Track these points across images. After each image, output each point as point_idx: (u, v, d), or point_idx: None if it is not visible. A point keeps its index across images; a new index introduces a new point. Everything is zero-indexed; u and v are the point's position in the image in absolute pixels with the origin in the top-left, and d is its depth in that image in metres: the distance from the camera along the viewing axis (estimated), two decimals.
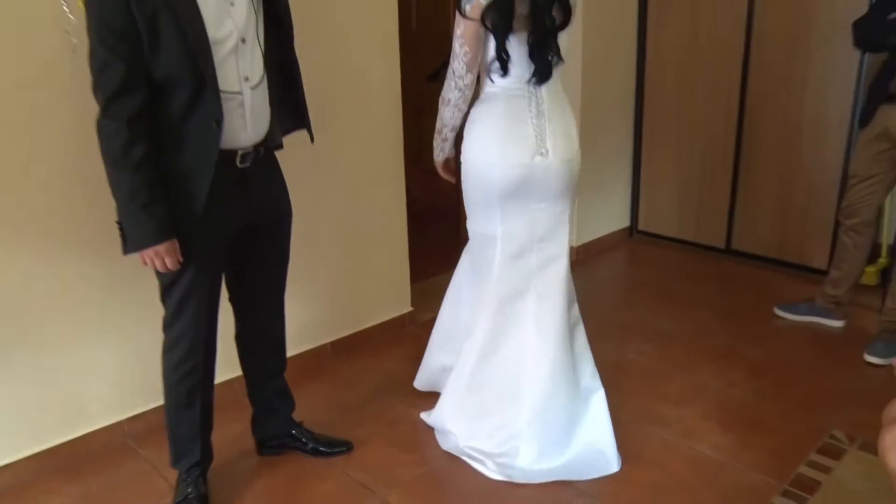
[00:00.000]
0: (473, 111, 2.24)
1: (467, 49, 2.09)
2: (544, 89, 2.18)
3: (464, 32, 2.07)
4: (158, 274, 1.88)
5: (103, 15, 1.61)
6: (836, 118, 3.57)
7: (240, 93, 1.81)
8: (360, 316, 3.15)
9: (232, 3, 1.76)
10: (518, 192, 2.20)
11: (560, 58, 2.15)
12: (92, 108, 1.96)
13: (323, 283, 2.93)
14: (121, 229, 1.78)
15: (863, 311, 3.37)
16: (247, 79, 1.82)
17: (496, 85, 2.17)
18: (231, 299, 2.17)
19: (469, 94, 2.19)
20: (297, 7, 2.03)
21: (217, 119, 1.76)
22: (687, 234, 4.32)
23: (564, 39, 2.16)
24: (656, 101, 4.28)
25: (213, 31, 1.71)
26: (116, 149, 1.67)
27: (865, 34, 2.91)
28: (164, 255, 1.78)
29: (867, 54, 3.35)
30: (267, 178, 2.03)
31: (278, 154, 2.08)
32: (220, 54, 1.74)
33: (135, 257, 1.79)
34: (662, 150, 4.32)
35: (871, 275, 3.61)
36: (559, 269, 2.30)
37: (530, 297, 2.29)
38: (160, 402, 2.10)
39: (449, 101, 2.20)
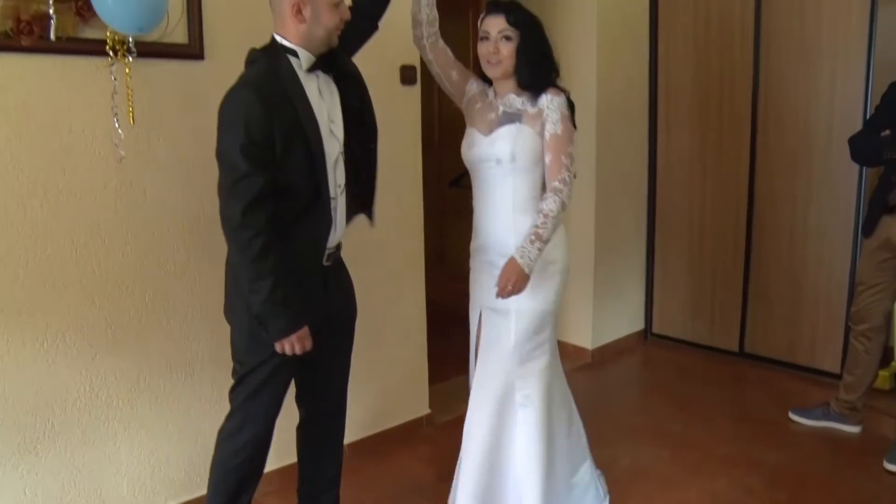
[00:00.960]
0: None
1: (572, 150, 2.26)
2: None
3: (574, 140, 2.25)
4: (243, 357, 2.02)
5: (249, 130, 1.79)
6: (841, 227, 3.68)
7: (334, 198, 2.00)
8: (379, 417, 3.18)
9: (332, 121, 1.99)
10: None
11: None
12: (136, 218, 2.11)
13: None
14: (260, 322, 1.90)
15: (879, 416, 3.37)
16: (339, 185, 2.02)
17: None
18: (298, 394, 2.26)
19: None
20: None
21: (328, 225, 1.98)
22: (701, 338, 4.37)
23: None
24: (667, 209, 4.43)
25: (325, 148, 1.93)
26: (255, 252, 1.82)
27: (861, 150, 3.07)
28: (303, 340, 1.93)
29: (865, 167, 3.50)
30: (341, 274, 2.21)
31: None
32: (328, 166, 1.95)
33: (164, 351, 1.87)
34: (675, 255, 4.43)
35: (884, 379, 3.62)
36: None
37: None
38: (180, 499, 2.12)
39: (566, 204, 2.24)
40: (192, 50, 2.33)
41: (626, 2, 4.13)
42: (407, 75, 2.99)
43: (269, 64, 1.90)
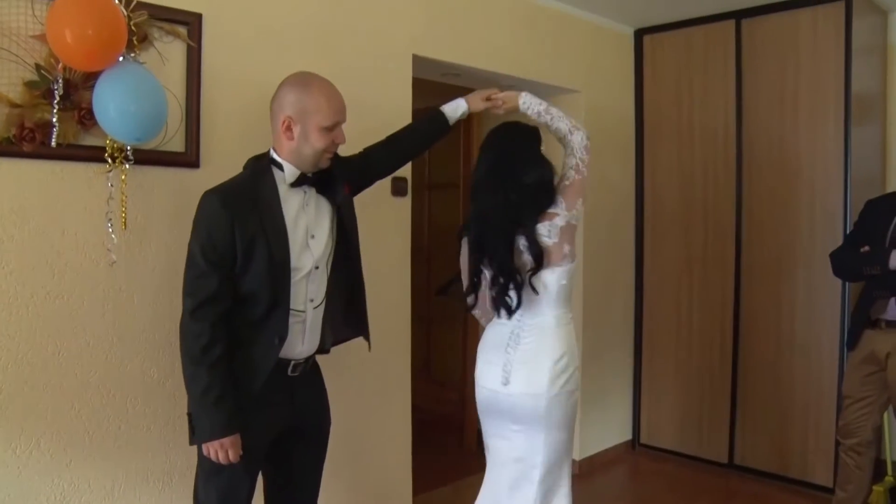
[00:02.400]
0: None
1: (463, 276, 2.35)
2: (529, 322, 2.27)
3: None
4: (202, 464, 1.98)
5: (211, 234, 1.88)
6: (827, 339, 3.70)
7: (304, 311, 2.02)
8: None
9: (313, 237, 2.03)
10: (490, 411, 2.32)
11: (537, 293, 2.25)
12: (123, 322, 2.10)
13: (323, 494, 2.89)
14: (190, 421, 1.91)
15: None
16: (312, 300, 2.04)
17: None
18: (266, 501, 2.20)
19: (479, 314, 2.41)
20: None
21: (281, 336, 1.96)
22: (689, 448, 4.30)
23: (550, 276, 2.26)
24: (654, 319, 4.45)
25: (294, 260, 1.97)
26: (198, 347, 1.85)
27: (842, 266, 3.14)
28: (228, 448, 1.88)
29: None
30: (311, 384, 2.18)
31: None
32: (295, 279, 1.98)
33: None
34: (662, 365, 4.42)
35: (879, 494, 3.55)
36: (528, 493, 2.28)
37: None
38: None
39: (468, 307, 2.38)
40: (188, 158, 2.38)
41: (612, 112, 4.31)
42: (398, 187, 3.07)
43: (252, 173, 2.00)
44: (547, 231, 2.22)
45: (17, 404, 2.10)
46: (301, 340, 2.04)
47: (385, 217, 3.04)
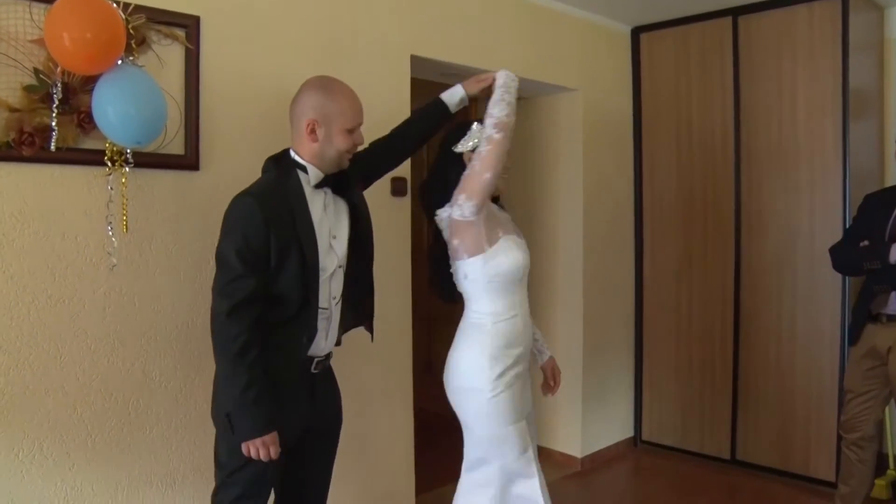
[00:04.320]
0: None
1: None
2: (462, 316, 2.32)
3: None
4: (223, 462, 1.99)
5: (247, 235, 1.89)
6: (828, 334, 3.71)
7: (328, 309, 2.06)
8: None
9: (335, 237, 2.07)
10: None
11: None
12: (124, 325, 2.09)
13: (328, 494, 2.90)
14: (229, 421, 1.91)
15: None
16: (335, 297, 2.08)
17: None
18: (278, 499, 2.22)
19: None
20: None
21: (310, 335, 2.01)
22: (691, 445, 4.30)
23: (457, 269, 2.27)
24: (655, 316, 4.45)
25: (322, 260, 2.00)
26: (236, 348, 1.86)
27: (842, 261, 3.14)
28: (269, 444, 1.91)
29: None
30: (329, 382, 2.22)
31: None
32: (322, 279, 2.01)
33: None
34: (663, 361, 4.42)
35: (881, 488, 3.56)
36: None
37: None
38: None
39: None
40: (188, 161, 2.39)
41: (610, 111, 4.30)
42: (397, 187, 3.07)
43: (277, 176, 2.02)
44: (443, 225, 2.29)
45: (19, 408, 2.11)
46: (325, 337, 2.08)
47: (385, 217, 3.04)
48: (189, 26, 2.38)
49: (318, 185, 2.04)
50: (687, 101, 4.23)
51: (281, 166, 2.04)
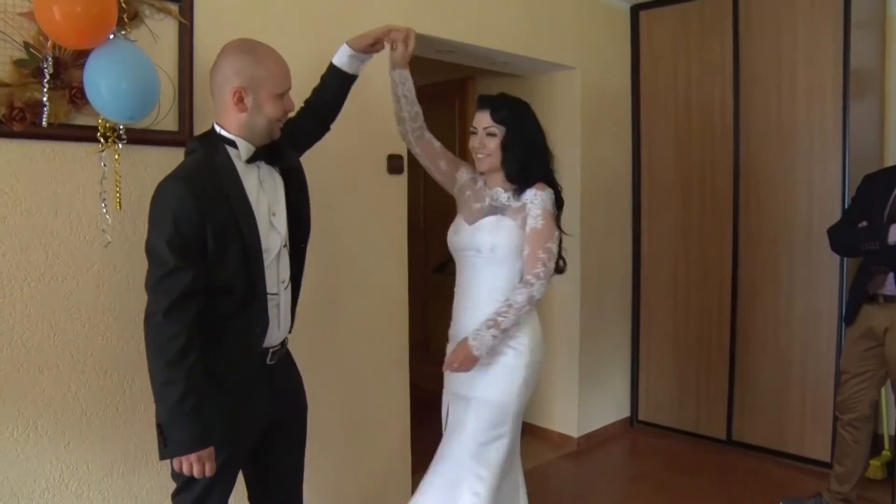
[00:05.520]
0: (528, 314, 2.31)
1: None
2: None
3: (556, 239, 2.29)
4: (177, 476, 1.86)
5: (178, 223, 1.71)
6: (825, 314, 3.71)
7: (277, 294, 1.93)
8: None
9: (274, 214, 1.92)
10: None
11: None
12: (119, 302, 2.06)
13: (324, 475, 2.90)
14: (161, 432, 1.74)
15: None
16: (283, 280, 1.96)
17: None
18: (250, 496, 2.15)
19: None
20: (318, 212, 2.20)
21: (263, 326, 1.87)
22: (688, 425, 4.31)
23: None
24: (652, 295, 4.45)
25: (263, 241, 1.85)
26: (174, 350, 1.70)
27: (840, 242, 3.13)
28: (205, 460, 1.75)
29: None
30: (287, 370, 2.10)
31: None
32: (267, 261, 1.87)
33: None
34: (660, 341, 4.42)
35: (876, 468, 3.58)
36: None
37: None
38: None
39: (535, 299, 2.25)
40: (181, 137, 2.35)
41: (609, 89, 4.28)
42: (394, 164, 3.05)
43: (205, 154, 1.83)
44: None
45: (14, 387, 2.10)
46: (277, 325, 1.94)
47: (381, 195, 3.03)
48: (183, 1, 2.34)
49: (251, 160, 1.87)
50: (686, 80, 4.20)
51: (207, 144, 1.85)
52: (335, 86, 2.26)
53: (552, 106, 4.14)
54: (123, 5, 2.12)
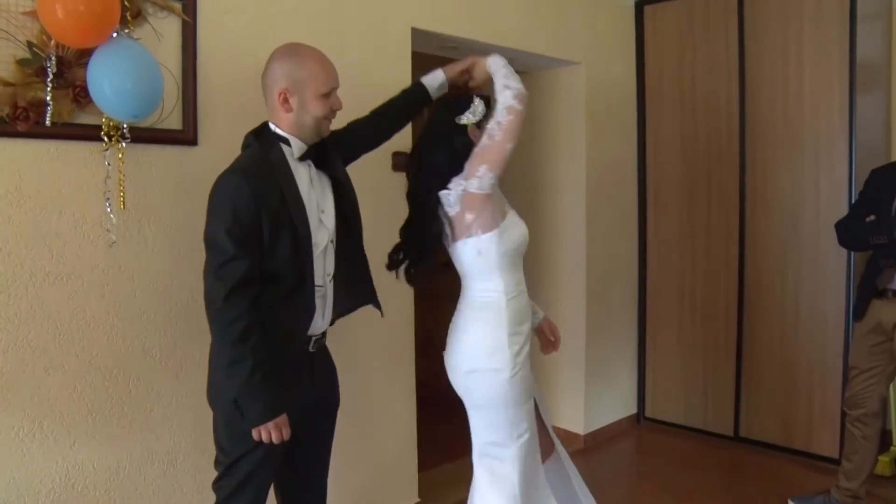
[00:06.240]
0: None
1: None
2: (462, 296, 2.24)
3: None
4: (227, 445, 1.96)
5: (236, 213, 1.82)
6: (833, 309, 3.69)
7: (323, 286, 2.02)
8: None
9: (323, 211, 2.02)
10: None
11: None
12: (124, 302, 2.06)
13: (331, 471, 2.89)
14: (237, 407, 1.86)
15: None
16: (328, 274, 2.04)
17: None
18: (276, 484, 2.18)
19: None
20: None
21: (309, 313, 1.97)
22: (694, 422, 4.30)
23: (460, 246, 2.19)
24: (658, 291, 4.44)
25: (314, 236, 1.96)
26: (237, 332, 1.81)
27: (848, 236, 3.11)
28: (281, 426, 1.88)
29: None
30: (325, 361, 2.18)
31: None
32: (315, 254, 1.97)
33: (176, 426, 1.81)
34: (666, 337, 4.41)
35: (885, 464, 3.56)
36: (476, 476, 2.26)
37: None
38: None
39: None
40: (185, 136, 2.35)
41: (613, 84, 4.25)
42: (399, 162, 3.03)
43: (261, 150, 1.94)
44: (450, 201, 2.16)
45: (19, 386, 2.09)
46: (322, 315, 2.04)
47: (386, 193, 3.01)
48: None
49: (302, 158, 1.99)
50: (691, 75, 4.18)
51: (263, 140, 1.97)
52: (414, 104, 2.34)
53: (557, 102, 4.13)
54: (126, 3, 2.11)
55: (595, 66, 4.08)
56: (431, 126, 2.24)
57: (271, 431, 1.87)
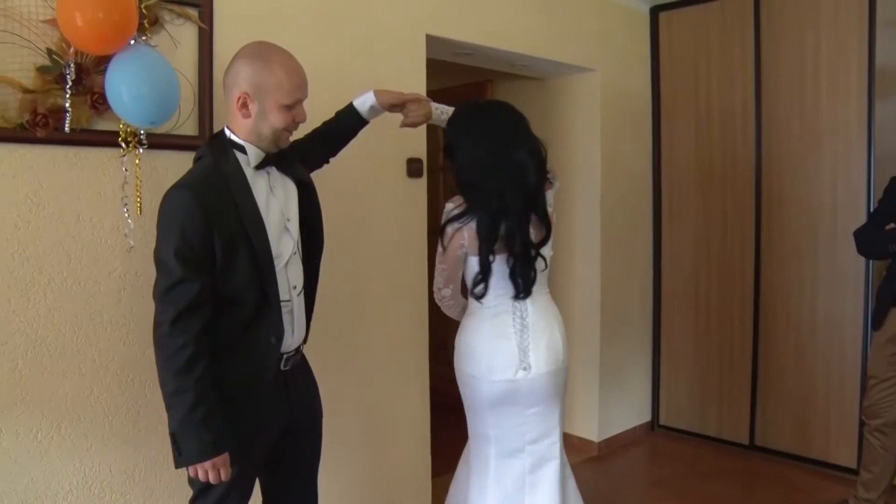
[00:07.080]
0: (463, 321, 2.32)
1: (444, 267, 2.24)
2: (529, 303, 2.22)
3: (443, 256, 2.22)
4: (193, 483, 1.87)
5: (186, 233, 1.69)
6: (850, 317, 3.65)
7: (290, 301, 1.92)
8: None
9: (289, 219, 1.92)
10: (504, 402, 2.22)
11: (545, 267, 2.24)
12: (140, 307, 2.07)
13: (344, 478, 2.90)
14: (174, 441, 1.75)
15: None
16: (295, 287, 1.94)
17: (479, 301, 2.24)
18: (265, 498, 2.15)
19: (453, 304, 2.35)
20: (339, 216, 2.20)
21: (277, 334, 1.85)
22: (709, 430, 4.26)
23: (547, 249, 2.23)
24: (673, 298, 4.41)
25: (275, 247, 1.83)
26: (182, 361, 1.69)
27: (867, 244, 3.08)
28: (220, 467, 1.76)
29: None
30: (302, 375, 2.09)
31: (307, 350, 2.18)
32: (278, 267, 1.85)
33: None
34: (681, 345, 4.38)
35: None
36: (551, 470, 2.26)
37: (526, 498, 2.26)
38: None
39: (442, 298, 2.33)
40: (201, 142, 2.36)
41: (628, 91, 4.25)
42: (413, 168, 3.05)
43: (214, 161, 1.81)
44: (550, 200, 2.22)
45: (38, 389, 2.11)
46: (291, 332, 1.93)
47: (401, 199, 3.03)
48: (202, 5, 2.36)
49: (260, 166, 1.85)
50: (707, 81, 4.16)
51: (216, 149, 1.83)
52: (348, 126, 2.29)
53: (572, 108, 4.12)
54: (144, 11, 2.13)
55: (610, 72, 4.08)
56: (514, 128, 2.22)
57: (208, 471, 1.75)
